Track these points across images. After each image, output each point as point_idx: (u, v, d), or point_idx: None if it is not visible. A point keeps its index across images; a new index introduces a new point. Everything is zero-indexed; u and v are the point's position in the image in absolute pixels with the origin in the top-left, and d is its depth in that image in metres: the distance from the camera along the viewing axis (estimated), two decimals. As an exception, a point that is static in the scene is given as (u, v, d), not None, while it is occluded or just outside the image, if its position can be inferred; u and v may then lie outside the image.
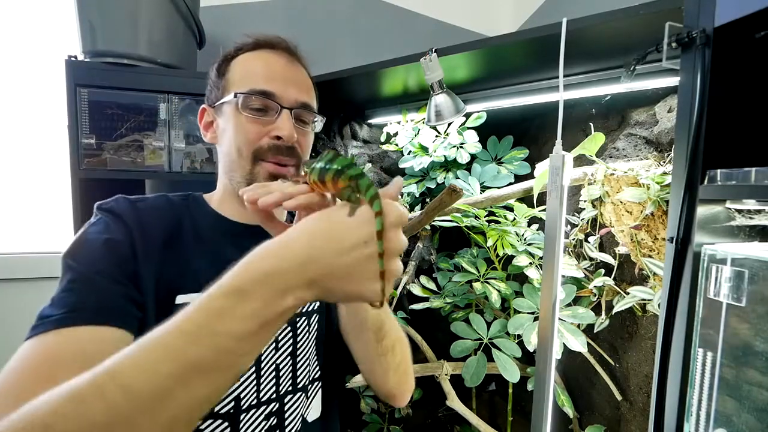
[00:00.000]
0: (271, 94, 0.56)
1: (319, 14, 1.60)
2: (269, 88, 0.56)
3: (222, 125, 0.59)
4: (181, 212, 0.57)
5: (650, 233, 0.86)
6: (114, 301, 0.46)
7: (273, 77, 0.56)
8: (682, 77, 0.59)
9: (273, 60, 0.58)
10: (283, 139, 0.56)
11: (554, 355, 0.81)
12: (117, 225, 0.51)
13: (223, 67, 0.59)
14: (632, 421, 0.96)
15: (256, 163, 0.56)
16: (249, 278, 0.33)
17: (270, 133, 0.56)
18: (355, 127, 1.47)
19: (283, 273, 0.34)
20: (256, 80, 0.56)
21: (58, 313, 0.43)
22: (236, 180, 0.57)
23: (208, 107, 0.61)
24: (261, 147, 0.56)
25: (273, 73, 0.57)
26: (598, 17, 0.71)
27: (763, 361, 0.51)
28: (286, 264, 0.34)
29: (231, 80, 0.58)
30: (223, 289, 0.33)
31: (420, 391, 1.40)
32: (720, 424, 0.56)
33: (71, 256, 0.48)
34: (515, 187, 1.10)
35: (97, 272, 0.46)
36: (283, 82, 0.57)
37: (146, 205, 0.55)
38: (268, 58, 0.58)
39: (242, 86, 0.56)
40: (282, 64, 0.58)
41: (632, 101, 0.99)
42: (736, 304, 0.53)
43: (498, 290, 1.08)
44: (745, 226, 0.60)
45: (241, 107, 0.55)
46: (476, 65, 0.97)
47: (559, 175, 0.76)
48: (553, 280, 0.78)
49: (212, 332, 0.32)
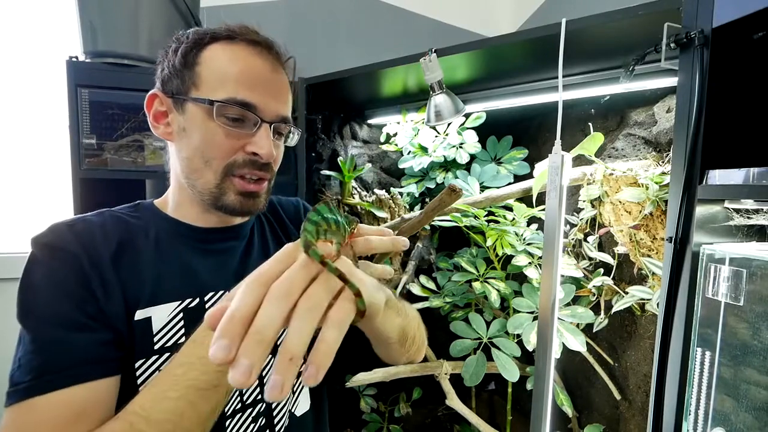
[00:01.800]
0: (251, 106, 0.50)
1: (319, 14, 1.60)
2: (250, 99, 0.49)
3: (183, 124, 0.51)
4: (130, 225, 0.52)
5: (649, 233, 0.86)
6: (85, 354, 0.43)
7: (254, 85, 0.50)
8: (681, 77, 0.59)
9: (254, 63, 0.51)
10: (260, 156, 0.51)
11: (553, 354, 0.81)
12: (61, 261, 0.45)
13: (193, 55, 0.50)
14: (631, 420, 0.96)
15: (226, 178, 0.51)
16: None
17: (246, 147, 0.51)
18: (355, 127, 1.47)
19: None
20: (236, 87, 0.49)
21: (27, 380, 0.40)
22: (197, 189, 0.52)
23: (161, 95, 0.52)
24: (235, 161, 0.51)
25: (254, 79, 0.50)
26: (597, 17, 0.71)
27: (761, 360, 0.51)
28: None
29: (203, 76, 0.50)
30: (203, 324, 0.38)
31: (419, 391, 1.40)
32: (718, 422, 0.56)
33: (24, 315, 0.43)
34: (514, 187, 1.10)
35: (59, 325, 0.42)
36: (265, 92, 0.51)
37: (86, 226, 0.49)
38: (248, 59, 0.51)
39: (218, 90, 0.49)
40: (265, 69, 0.52)
41: (631, 101, 0.99)
42: (734, 303, 0.54)
43: (497, 290, 1.09)
44: (743, 226, 0.60)
45: (216, 115, 0.49)
46: (476, 65, 0.97)
47: (559, 175, 0.76)
48: (552, 279, 0.78)
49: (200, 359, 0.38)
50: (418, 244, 1.42)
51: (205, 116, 0.49)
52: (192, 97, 0.50)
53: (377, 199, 1.36)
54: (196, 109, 0.50)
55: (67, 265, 0.45)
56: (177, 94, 0.51)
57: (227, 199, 0.51)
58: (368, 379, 1.16)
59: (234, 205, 0.52)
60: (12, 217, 1.40)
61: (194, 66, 0.50)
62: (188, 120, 0.50)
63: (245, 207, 0.53)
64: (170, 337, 0.49)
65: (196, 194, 0.52)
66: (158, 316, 0.48)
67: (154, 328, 0.48)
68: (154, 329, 0.48)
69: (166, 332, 0.49)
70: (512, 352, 1.01)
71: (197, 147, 0.50)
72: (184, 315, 0.50)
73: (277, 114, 0.52)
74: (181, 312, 0.50)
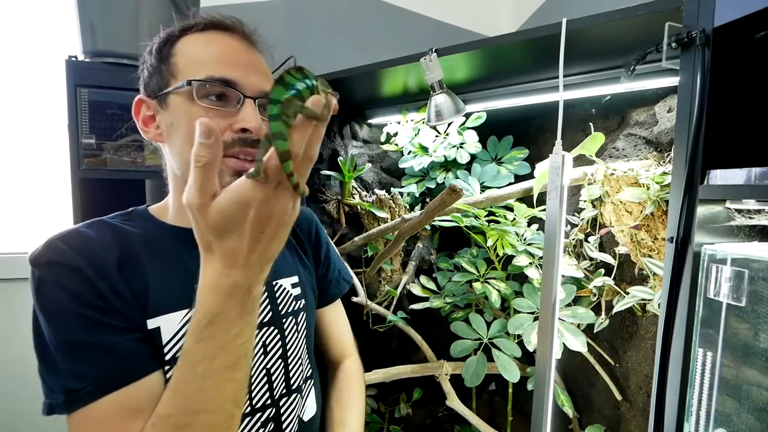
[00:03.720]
0: (232, 82, 0.48)
1: (319, 14, 1.60)
2: (229, 75, 0.48)
3: (170, 120, 0.50)
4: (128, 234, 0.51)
5: (650, 233, 0.86)
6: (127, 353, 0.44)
7: (232, 63, 0.49)
8: (682, 77, 0.59)
9: (229, 43, 0.50)
10: (250, 131, 0.48)
11: (554, 354, 0.81)
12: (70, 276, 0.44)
13: (166, 49, 0.49)
14: (632, 421, 0.96)
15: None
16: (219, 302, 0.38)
17: (233, 125, 0.48)
18: (355, 127, 1.47)
19: (237, 286, 0.38)
20: (213, 66, 0.48)
21: (83, 386, 0.41)
22: None
23: (146, 98, 0.51)
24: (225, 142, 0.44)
25: (231, 57, 0.49)
26: (597, 17, 0.71)
27: (763, 360, 0.51)
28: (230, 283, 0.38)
29: (179, 66, 0.49)
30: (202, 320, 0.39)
31: (420, 391, 1.40)
32: (720, 423, 0.56)
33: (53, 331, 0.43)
34: (515, 187, 1.10)
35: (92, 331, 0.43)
36: (245, 69, 0.49)
37: (83, 239, 0.47)
38: (222, 40, 0.50)
39: (195, 73, 0.47)
40: (240, 48, 0.51)
41: (632, 101, 0.99)
42: (735, 304, 0.53)
43: (498, 290, 1.09)
44: (744, 226, 0.60)
45: (198, 97, 0.47)
46: (476, 65, 0.97)
47: (559, 175, 0.76)
48: (553, 279, 0.78)
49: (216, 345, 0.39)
50: (419, 244, 1.41)
51: (187, 102, 0.48)
52: (172, 88, 0.48)
53: (377, 199, 1.36)
54: (178, 98, 0.48)
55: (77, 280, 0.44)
56: (159, 92, 0.50)
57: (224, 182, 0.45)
58: (368, 380, 1.16)
59: None
60: (11, 217, 1.40)
61: (169, 58, 0.49)
62: (173, 113, 0.49)
63: None
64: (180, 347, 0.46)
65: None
66: (167, 326, 0.48)
67: (164, 339, 0.48)
68: (163, 339, 0.48)
69: (176, 342, 0.48)
70: (513, 353, 1.01)
71: (186, 136, 0.48)
72: None
73: (260, 89, 0.50)
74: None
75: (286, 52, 1.25)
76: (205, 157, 0.34)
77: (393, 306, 1.33)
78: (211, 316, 0.38)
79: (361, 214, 1.40)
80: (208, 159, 0.34)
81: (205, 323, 0.39)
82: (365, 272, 1.37)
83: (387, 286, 1.38)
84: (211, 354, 0.39)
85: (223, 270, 0.38)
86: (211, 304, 0.38)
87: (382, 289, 1.39)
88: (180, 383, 0.40)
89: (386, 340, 1.45)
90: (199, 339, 0.39)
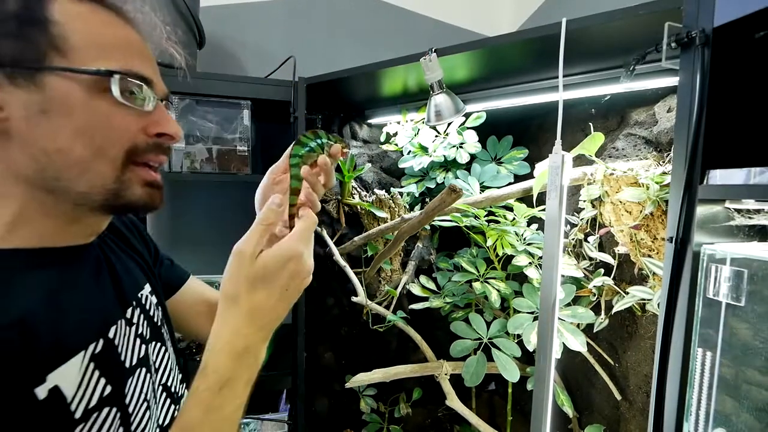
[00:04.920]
0: (148, 80, 0.41)
1: (319, 14, 1.60)
2: (146, 72, 0.41)
3: (37, 104, 0.36)
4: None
5: (650, 233, 0.86)
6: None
7: (143, 57, 0.42)
8: (682, 77, 0.59)
9: (126, 30, 0.41)
10: (170, 136, 0.43)
11: (554, 354, 0.81)
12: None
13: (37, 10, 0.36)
14: (631, 421, 0.96)
15: (126, 167, 0.41)
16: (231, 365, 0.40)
17: (148, 129, 0.41)
18: (355, 127, 1.47)
19: (250, 348, 0.41)
20: (125, 57, 0.39)
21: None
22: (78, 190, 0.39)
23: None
24: (137, 146, 0.41)
25: (140, 50, 0.42)
26: (597, 17, 0.71)
27: (762, 360, 0.51)
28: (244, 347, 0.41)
29: (68, 39, 0.37)
30: (214, 386, 0.39)
31: (420, 391, 1.40)
32: (719, 423, 0.56)
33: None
34: (515, 187, 1.10)
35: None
36: (152, 66, 0.43)
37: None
38: (116, 24, 0.41)
39: (101, 60, 0.38)
40: (138, 39, 0.43)
41: (632, 101, 0.99)
42: (735, 303, 0.54)
43: (497, 290, 1.09)
44: (744, 226, 0.60)
45: (119, 92, 0.38)
46: (476, 65, 0.97)
47: (559, 174, 0.76)
48: (553, 279, 0.78)
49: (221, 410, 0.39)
50: (419, 244, 1.41)
51: (88, 92, 0.37)
52: (62, 67, 0.36)
53: (377, 199, 1.36)
54: (70, 82, 0.37)
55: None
56: (20, 65, 0.36)
57: (132, 193, 0.41)
58: (368, 380, 1.16)
59: (141, 199, 0.42)
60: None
61: (46, 24, 0.36)
62: (52, 97, 0.36)
63: (154, 200, 0.44)
64: (91, 395, 0.39)
65: (72, 198, 0.39)
66: (67, 378, 0.37)
67: (67, 396, 0.36)
68: (67, 397, 0.36)
69: (83, 392, 0.38)
70: (512, 353, 1.01)
71: (80, 132, 0.38)
72: (95, 363, 0.40)
73: (164, 91, 0.44)
74: (91, 361, 0.39)
75: (286, 52, 1.25)
76: (271, 220, 0.42)
77: (393, 306, 1.33)
78: (223, 381, 0.39)
79: (361, 214, 1.40)
80: (274, 221, 0.42)
81: (216, 390, 0.38)
82: (365, 272, 1.37)
83: (387, 286, 1.38)
84: (218, 427, 0.39)
85: (241, 329, 0.40)
86: (225, 368, 0.39)
87: (382, 289, 1.39)
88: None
89: (386, 340, 1.45)
90: (209, 409, 0.38)
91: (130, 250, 0.55)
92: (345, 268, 1.33)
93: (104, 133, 0.39)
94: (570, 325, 0.95)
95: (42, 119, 0.37)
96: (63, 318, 0.38)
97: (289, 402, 1.32)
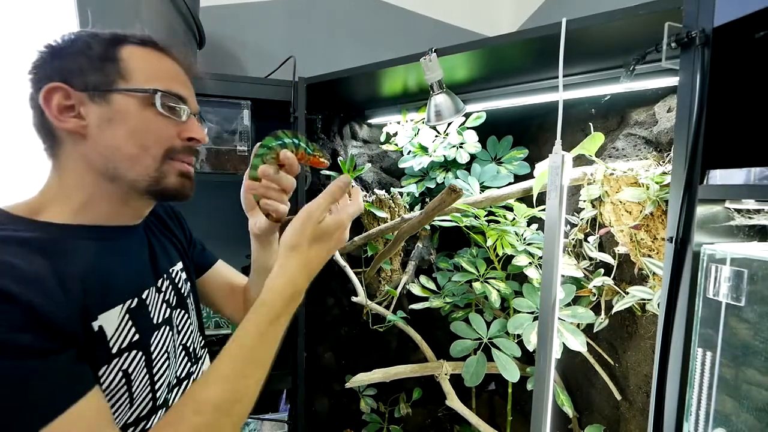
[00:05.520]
0: (183, 98, 0.56)
1: (319, 14, 1.60)
2: (182, 92, 0.56)
3: (106, 115, 0.51)
4: (35, 242, 0.47)
5: (650, 233, 0.86)
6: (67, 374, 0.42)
7: (182, 82, 0.57)
8: (682, 77, 0.59)
9: (172, 64, 0.57)
10: (198, 141, 0.58)
11: (554, 354, 0.81)
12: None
13: (112, 50, 0.52)
14: (631, 421, 0.96)
15: (164, 162, 0.54)
16: (283, 304, 0.50)
17: (182, 134, 0.56)
18: (355, 127, 1.47)
19: (298, 293, 0.51)
20: (168, 81, 0.54)
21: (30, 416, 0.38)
22: (129, 177, 0.52)
23: (70, 89, 0.50)
24: (173, 146, 0.55)
25: (181, 78, 0.57)
26: (597, 17, 0.71)
27: (762, 360, 0.51)
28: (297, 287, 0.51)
29: (130, 70, 0.52)
30: (269, 318, 0.48)
31: (420, 391, 1.40)
32: (719, 423, 0.56)
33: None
34: (515, 187, 1.10)
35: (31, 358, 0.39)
36: (189, 90, 0.58)
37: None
38: (165, 60, 0.56)
39: (151, 83, 0.53)
40: (180, 71, 0.58)
41: (632, 101, 0.99)
42: (735, 303, 0.54)
43: (497, 290, 1.09)
44: (744, 226, 0.60)
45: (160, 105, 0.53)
46: (476, 65, 0.97)
47: (559, 174, 0.76)
48: (553, 279, 0.78)
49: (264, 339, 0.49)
50: (418, 244, 1.41)
51: (140, 105, 0.52)
52: (125, 88, 0.51)
53: (377, 199, 1.36)
54: (129, 99, 0.52)
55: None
56: (98, 88, 0.51)
57: (169, 181, 0.55)
58: (368, 380, 1.16)
59: (175, 187, 0.56)
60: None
61: (116, 61, 0.52)
62: (117, 110, 0.51)
63: (186, 188, 0.57)
64: (124, 339, 0.51)
65: (125, 184, 0.53)
66: (107, 323, 0.49)
67: (108, 335, 0.49)
68: (108, 335, 0.49)
69: (119, 335, 0.50)
70: (512, 353, 1.01)
71: (132, 135, 0.52)
72: (129, 315, 0.52)
73: (196, 109, 0.60)
74: (127, 313, 0.52)
75: (286, 52, 1.25)
76: (337, 195, 0.53)
77: (393, 306, 1.33)
78: (276, 315, 0.48)
79: (361, 214, 1.40)
80: (340, 196, 0.53)
81: (268, 321, 0.48)
82: (365, 272, 1.37)
83: (387, 286, 1.38)
84: (270, 349, 0.48)
85: (296, 274, 0.50)
86: (280, 306, 0.48)
87: (382, 289, 1.39)
88: (236, 373, 0.46)
89: (386, 340, 1.45)
90: (263, 334, 0.47)
91: (169, 234, 0.70)
92: (345, 268, 1.33)
93: (149, 136, 0.53)
94: (570, 325, 0.95)
95: (108, 126, 0.51)
96: (110, 277, 0.52)
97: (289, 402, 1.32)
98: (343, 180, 0.52)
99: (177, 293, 0.65)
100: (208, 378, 0.45)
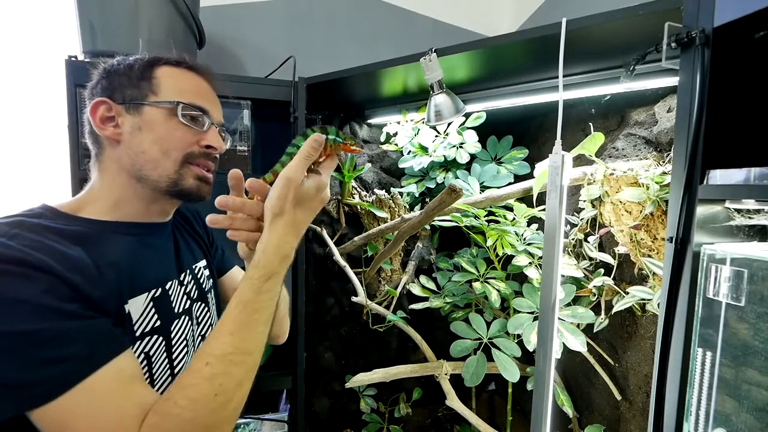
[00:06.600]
0: (205, 110, 0.62)
1: (319, 14, 1.60)
2: (203, 105, 0.62)
3: (137, 124, 0.59)
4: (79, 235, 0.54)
5: (650, 233, 0.86)
6: (113, 332, 0.49)
7: (206, 96, 0.64)
8: (682, 77, 0.59)
9: (200, 81, 0.65)
10: (215, 149, 0.64)
11: (554, 354, 0.81)
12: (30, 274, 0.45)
13: (149, 70, 0.61)
14: (632, 421, 0.96)
15: (183, 165, 0.61)
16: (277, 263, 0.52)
17: (201, 142, 0.62)
18: (355, 127, 1.47)
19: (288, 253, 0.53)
20: (192, 95, 0.62)
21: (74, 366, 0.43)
22: (152, 178, 0.60)
23: (111, 102, 0.59)
24: (192, 152, 0.61)
25: (205, 93, 0.65)
26: (597, 17, 0.71)
27: (762, 360, 0.51)
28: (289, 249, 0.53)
29: (162, 86, 0.60)
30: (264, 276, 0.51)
31: (419, 391, 1.40)
32: (719, 423, 0.56)
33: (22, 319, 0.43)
34: (515, 187, 1.10)
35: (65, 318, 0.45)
36: (211, 103, 0.65)
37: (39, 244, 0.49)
38: (194, 78, 0.64)
39: (178, 97, 0.60)
40: (207, 87, 0.65)
41: (632, 101, 0.99)
42: (735, 303, 0.54)
43: (497, 290, 1.09)
44: (744, 226, 0.60)
45: (181, 115, 0.60)
46: (476, 65, 0.97)
47: (559, 174, 0.76)
48: (553, 279, 0.78)
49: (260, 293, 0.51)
50: (419, 244, 1.41)
51: (166, 115, 0.60)
52: (154, 101, 0.59)
53: (377, 199, 1.36)
54: (156, 110, 0.60)
55: (44, 274, 0.45)
56: (132, 101, 0.60)
57: (186, 183, 0.61)
58: (368, 380, 1.16)
59: (192, 188, 0.62)
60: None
61: (151, 79, 0.61)
62: (145, 120, 0.59)
63: (202, 191, 0.63)
64: (147, 324, 0.57)
65: (149, 184, 0.60)
66: (135, 308, 0.56)
67: (134, 319, 0.56)
68: (134, 319, 0.56)
69: (143, 320, 0.57)
70: (512, 353, 1.01)
71: (156, 141, 0.59)
72: (153, 303, 0.59)
73: (219, 121, 0.66)
74: (151, 301, 0.59)
75: (286, 52, 1.25)
76: (312, 155, 0.52)
77: (393, 306, 1.33)
78: (270, 274, 0.50)
79: (361, 214, 1.40)
80: (312, 156, 0.52)
81: (265, 279, 0.50)
82: (365, 272, 1.37)
83: (387, 286, 1.38)
84: (268, 304, 0.51)
85: (284, 237, 0.51)
86: (273, 264, 0.51)
87: (382, 289, 1.39)
88: (239, 326, 0.49)
89: (386, 340, 1.45)
90: (260, 291, 0.50)
91: (194, 234, 0.77)
92: (345, 268, 1.33)
93: (170, 142, 0.60)
94: (570, 325, 0.95)
95: (138, 133, 0.59)
96: (139, 268, 0.58)
97: (288, 402, 1.32)
98: (315, 139, 0.52)
99: (198, 288, 0.71)
100: (214, 334, 0.49)
